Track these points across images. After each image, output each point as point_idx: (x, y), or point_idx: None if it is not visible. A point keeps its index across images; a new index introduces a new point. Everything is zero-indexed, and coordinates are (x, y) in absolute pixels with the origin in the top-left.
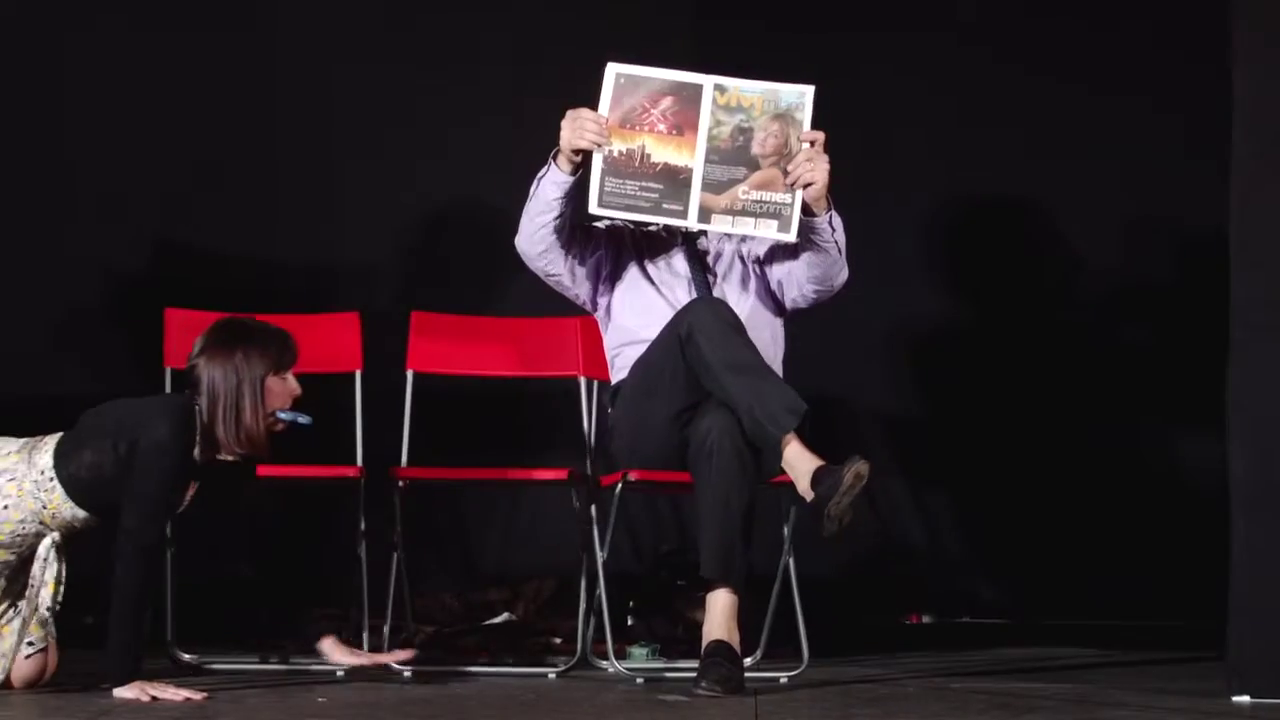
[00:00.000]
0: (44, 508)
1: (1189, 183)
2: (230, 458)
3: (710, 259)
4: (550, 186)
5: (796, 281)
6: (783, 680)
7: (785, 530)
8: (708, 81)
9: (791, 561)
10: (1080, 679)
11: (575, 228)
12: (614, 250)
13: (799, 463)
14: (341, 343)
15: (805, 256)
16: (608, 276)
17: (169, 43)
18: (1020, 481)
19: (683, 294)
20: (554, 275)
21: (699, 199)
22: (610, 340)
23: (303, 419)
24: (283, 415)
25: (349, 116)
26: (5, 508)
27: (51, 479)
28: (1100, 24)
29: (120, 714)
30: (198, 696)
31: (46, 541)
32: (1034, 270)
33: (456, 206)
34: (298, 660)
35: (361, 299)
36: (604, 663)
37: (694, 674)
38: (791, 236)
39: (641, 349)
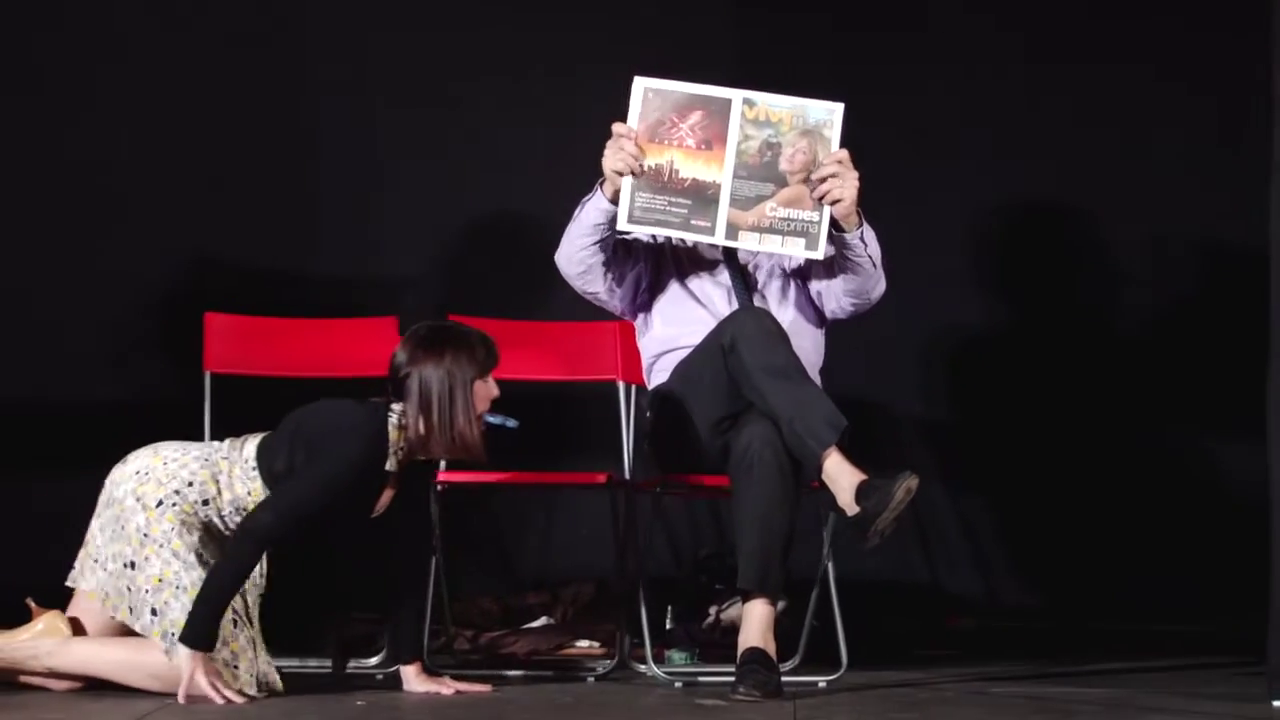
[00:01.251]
0: (249, 494)
1: (1230, 189)
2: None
3: (750, 269)
4: (594, 212)
5: (834, 295)
6: (821, 685)
7: (825, 535)
8: (736, 96)
9: (830, 566)
10: (1119, 683)
11: (616, 245)
12: (653, 262)
13: (840, 476)
14: (379, 348)
15: (840, 274)
16: (647, 288)
17: (207, 50)
18: (1059, 486)
19: (723, 305)
20: (592, 293)
21: (727, 215)
22: (648, 349)
23: (511, 422)
24: (490, 419)
25: (387, 122)
26: (219, 482)
27: (254, 469)
28: (1146, 30)
29: (160, 716)
30: (239, 700)
31: None
32: (1074, 277)
33: (495, 212)
34: (325, 662)
35: (400, 304)
36: (642, 667)
37: (732, 679)
38: (819, 254)
39: (679, 355)
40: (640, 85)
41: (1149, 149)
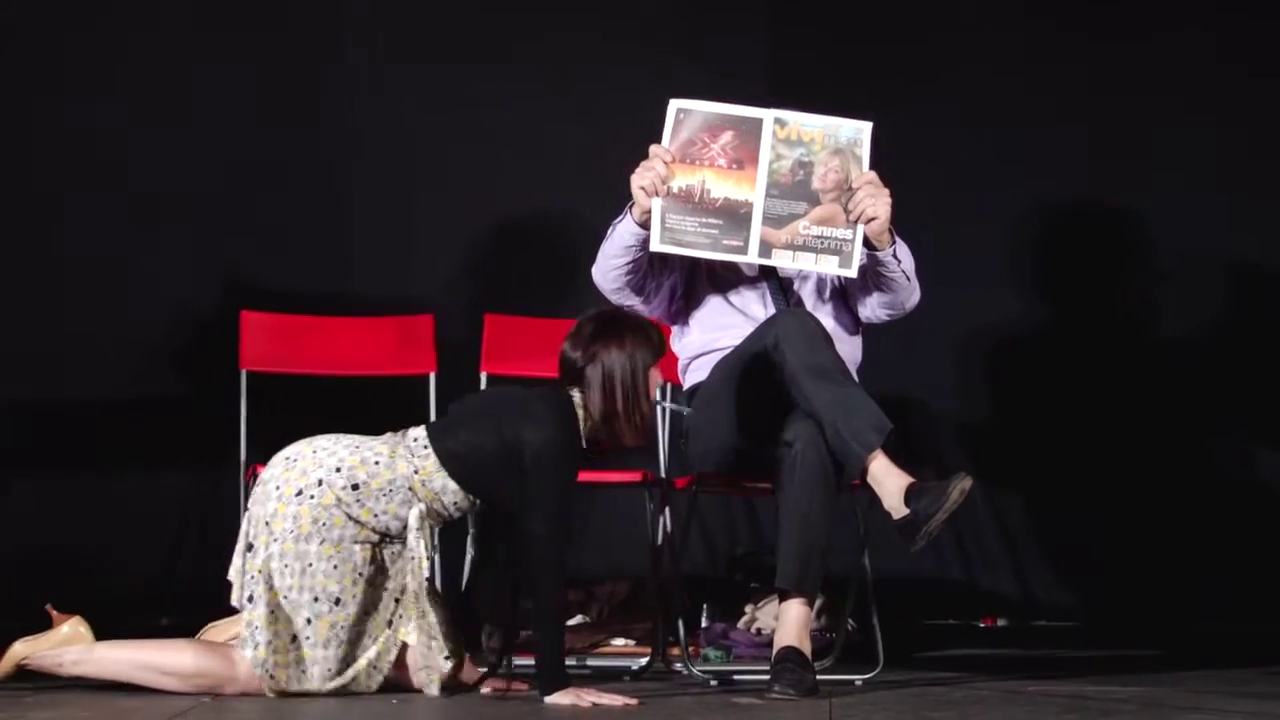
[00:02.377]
0: (415, 472)
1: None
2: (603, 449)
3: (786, 277)
4: (625, 234)
5: (869, 306)
6: (857, 683)
7: (861, 533)
8: (768, 116)
9: (868, 565)
10: (1155, 682)
11: (651, 258)
12: (688, 271)
13: (887, 479)
14: (416, 345)
15: (874, 290)
16: (682, 295)
17: (241, 48)
18: (1095, 486)
19: (759, 309)
20: (629, 305)
21: (760, 233)
22: (684, 351)
23: (686, 410)
24: (670, 406)
25: (421, 119)
26: (377, 463)
27: (426, 446)
28: (1195, 31)
29: (196, 714)
30: (634, 702)
31: (415, 511)
32: (1113, 277)
33: (529, 211)
34: None
35: (434, 302)
36: (678, 665)
37: (767, 678)
38: (852, 272)
39: (716, 357)
40: (673, 106)
41: (1200, 151)
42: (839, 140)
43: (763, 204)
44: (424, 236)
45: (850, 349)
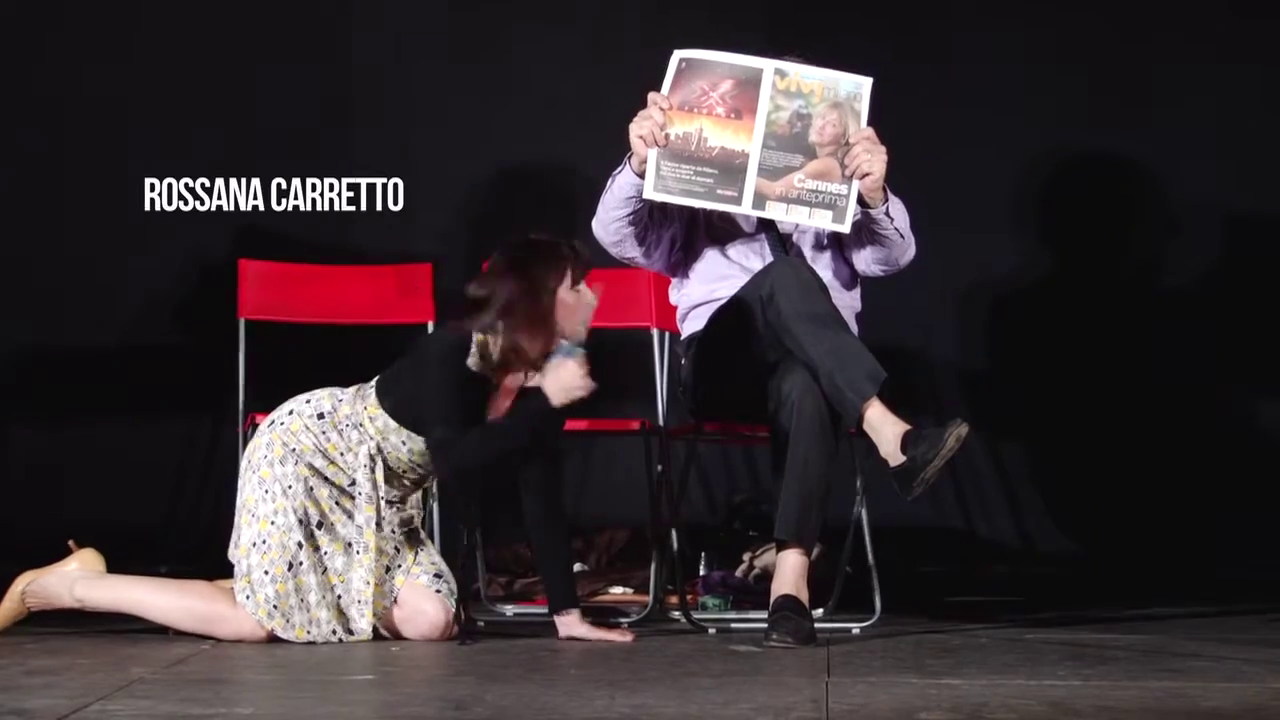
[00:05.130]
0: (364, 409)
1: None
2: (524, 378)
3: (784, 229)
4: (624, 185)
5: (863, 260)
6: (855, 631)
7: (858, 482)
8: (768, 65)
9: (864, 513)
10: (1154, 630)
11: (651, 209)
12: (687, 222)
13: (884, 427)
14: (415, 293)
15: (867, 244)
16: (681, 247)
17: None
18: (1094, 432)
19: (757, 262)
20: (629, 258)
21: (755, 184)
22: (682, 302)
23: (577, 352)
24: (562, 349)
25: (422, 69)
26: (340, 400)
27: (371, 388)
28: None
29: (194, 661)
30: (629, 638)
31: (364, 449)
32: (1113, 224)
33: (528, 162)
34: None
35: (434, 251)
36: (676, 613)
37: (765, 626)
38: (845, 227)
39: (714, 306)
40: (677, 55)
41: (1210, 104)
42: (838, 94)
43: (759, 155)
44: (424, 185)
45: (849, 300)
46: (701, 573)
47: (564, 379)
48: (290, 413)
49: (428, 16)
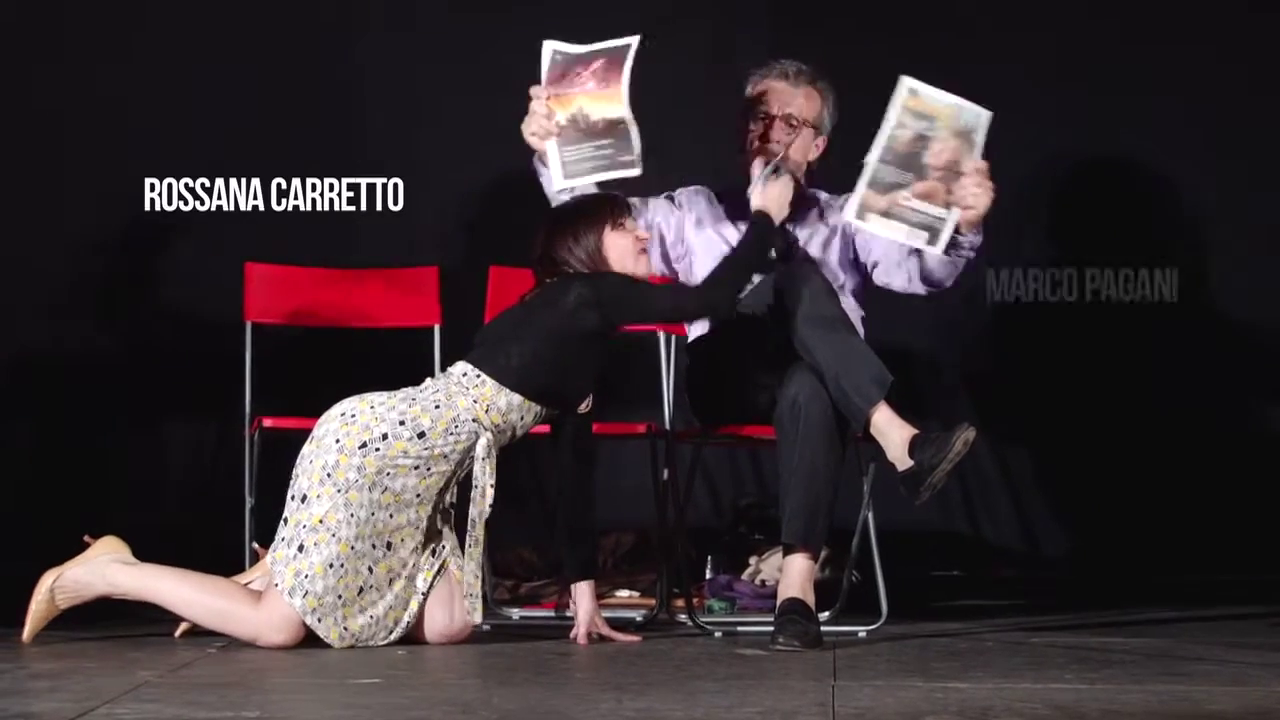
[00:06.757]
0: (475, 403)
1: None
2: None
3: (789, 227)
4: (549, 189)
5: (905, 272)
6: (861, 634)
7: (865, 486)
8: (634, 40)
9: (870, 517)
10: (1159, 634)
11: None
12: (675, 221)
13: (891, 431)
14: (420, 297)
15: (937, 259)
16: (674, 244)
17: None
18: (1101, 436)
19: None
20: None
21: (862, 195)
22: None
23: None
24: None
25: (422, 69)
26: (438, 407)
27: (479, 375)
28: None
29: (200, 665)
30: (636, 638)
31: (483, 441)
32: (1121, 229)
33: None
34: None
35: (439, 254)
36: (682, 616)
37: (771, 629)
38: (938, 250)
39: None
40: (548, 47)
41: (1224, 108)
42: (960, 122)
43: (873, 168)
44: (429, 188)
45: (855, 300)
46: (708, 576)
47: (775, 193)
48: (385, 437)
49: (428, 17)
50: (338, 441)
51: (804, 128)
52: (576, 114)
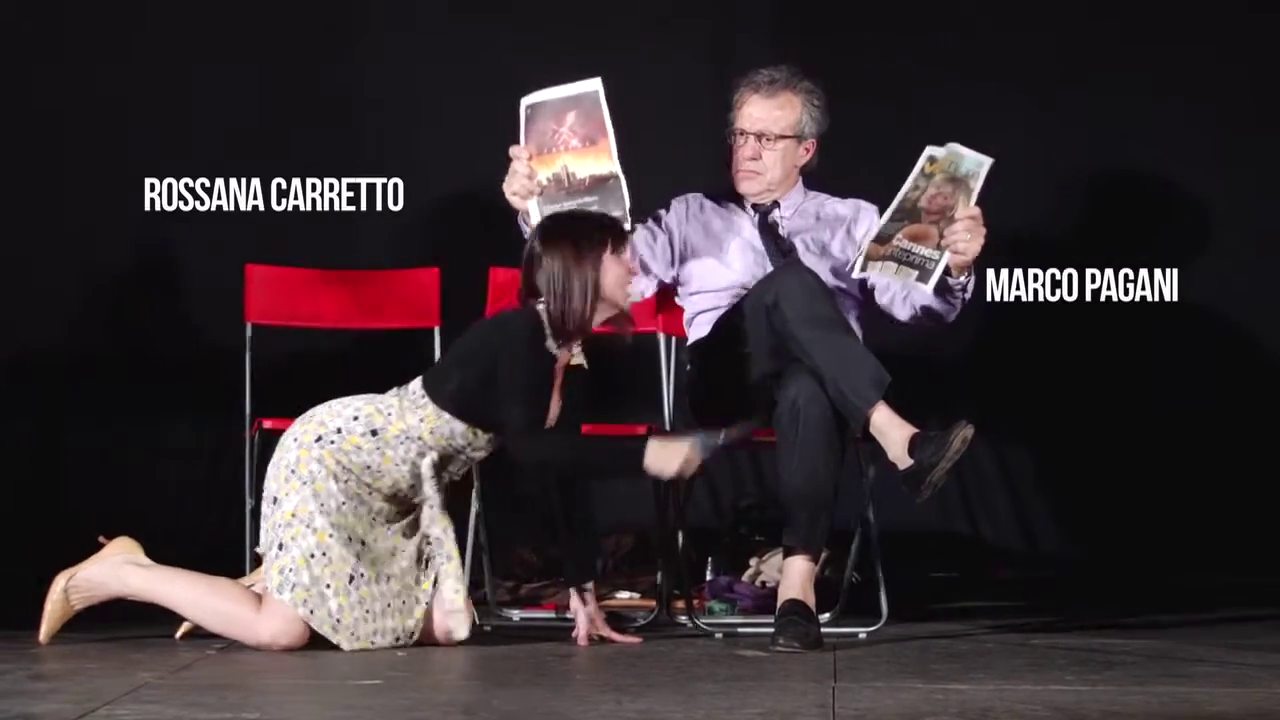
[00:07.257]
0: (421, 421)
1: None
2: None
3: (783, 232)
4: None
5: (909, 303)
6: (861, 636)
7: (865, 487)
8: (596, 82)
9: (871, 518)
10: (1159, 635)
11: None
12: (679, 233)
13: (890, 431)
14: (421, 298)
15: (932, 300)
16: (675, 257)
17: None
18: (1101, 436)
19: (759, 267)
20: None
21: (866, 250)
22: (687, 307)
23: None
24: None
25: (422, 69)
26: (389, 415)
27: (423, 396)
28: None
29: (201, 667)
30: (636, 640)
31: (428, 460)
32: (1119, 229)
33: None
34: None
35: (440, 255)
36: (682, 618)
37: (772, 630)
38: (928, 290)
39: (720, 313)
40: (523, 103)
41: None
42: (960, 169)
43: (880, 225)
44: (429, 188)
45: (852, 304)
46: (708, 578)
47: (671, 456)
48: (340, 431)
49: (428, 17)
50: (295, 440)
51: (779, 141)
52: (560, 172)
